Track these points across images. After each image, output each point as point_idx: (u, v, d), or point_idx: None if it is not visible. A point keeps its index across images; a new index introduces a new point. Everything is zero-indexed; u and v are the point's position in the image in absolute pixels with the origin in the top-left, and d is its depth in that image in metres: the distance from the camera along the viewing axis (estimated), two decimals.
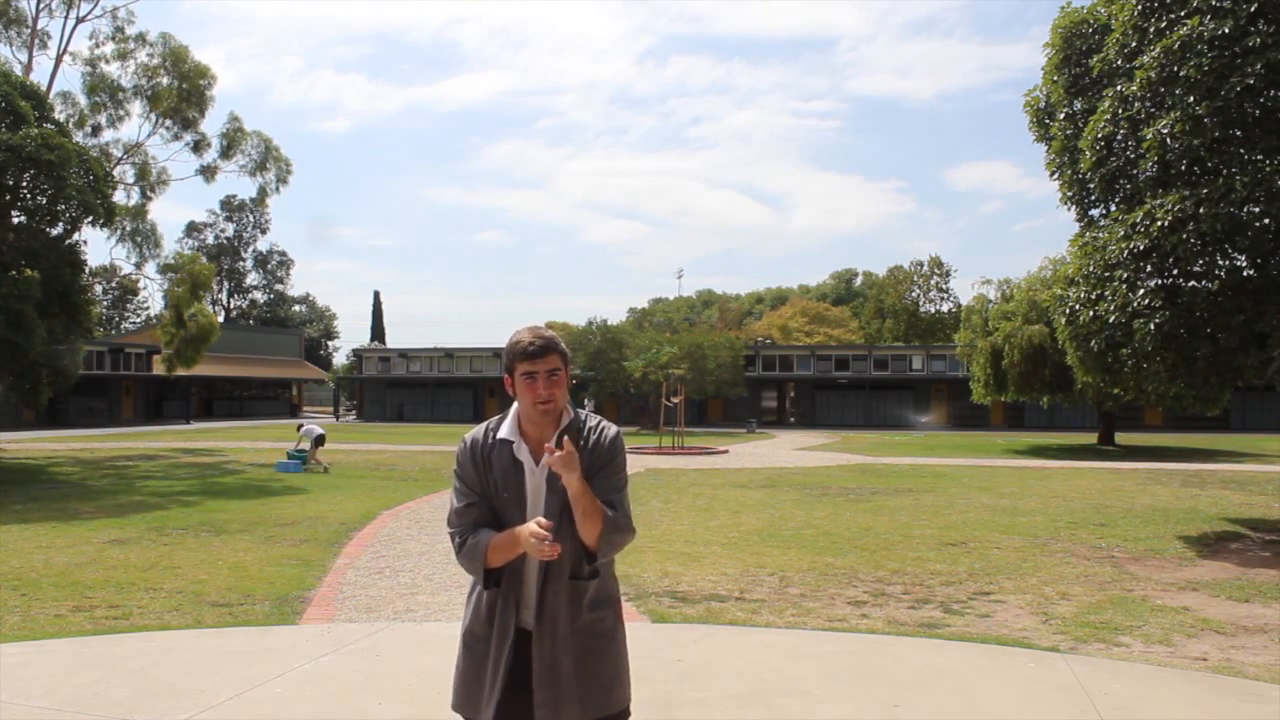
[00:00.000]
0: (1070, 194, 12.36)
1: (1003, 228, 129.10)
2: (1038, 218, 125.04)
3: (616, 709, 2.62)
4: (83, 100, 29.17)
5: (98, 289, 59.77)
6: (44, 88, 25.21)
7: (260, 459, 21.94)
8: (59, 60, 28.84)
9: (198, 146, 30.79)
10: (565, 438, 2.44)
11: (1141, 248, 10.06)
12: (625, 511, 2.60)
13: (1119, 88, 10.66)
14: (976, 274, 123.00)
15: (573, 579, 2.58)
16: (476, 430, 2.69)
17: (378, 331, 77.37)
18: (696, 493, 15.06)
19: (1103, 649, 5.89)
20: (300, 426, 20.60)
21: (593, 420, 2.67)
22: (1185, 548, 9.86)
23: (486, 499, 2.61)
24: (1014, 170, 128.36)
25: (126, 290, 67.75)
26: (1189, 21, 9.68)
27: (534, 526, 2.41)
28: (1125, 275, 10.28)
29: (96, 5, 28.97)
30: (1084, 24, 12.26)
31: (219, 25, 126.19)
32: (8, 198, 19.61)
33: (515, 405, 2.65)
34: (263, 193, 33.52)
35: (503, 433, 2.63)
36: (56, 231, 21.63)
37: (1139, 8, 10.51)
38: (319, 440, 19.83)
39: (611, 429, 2.67)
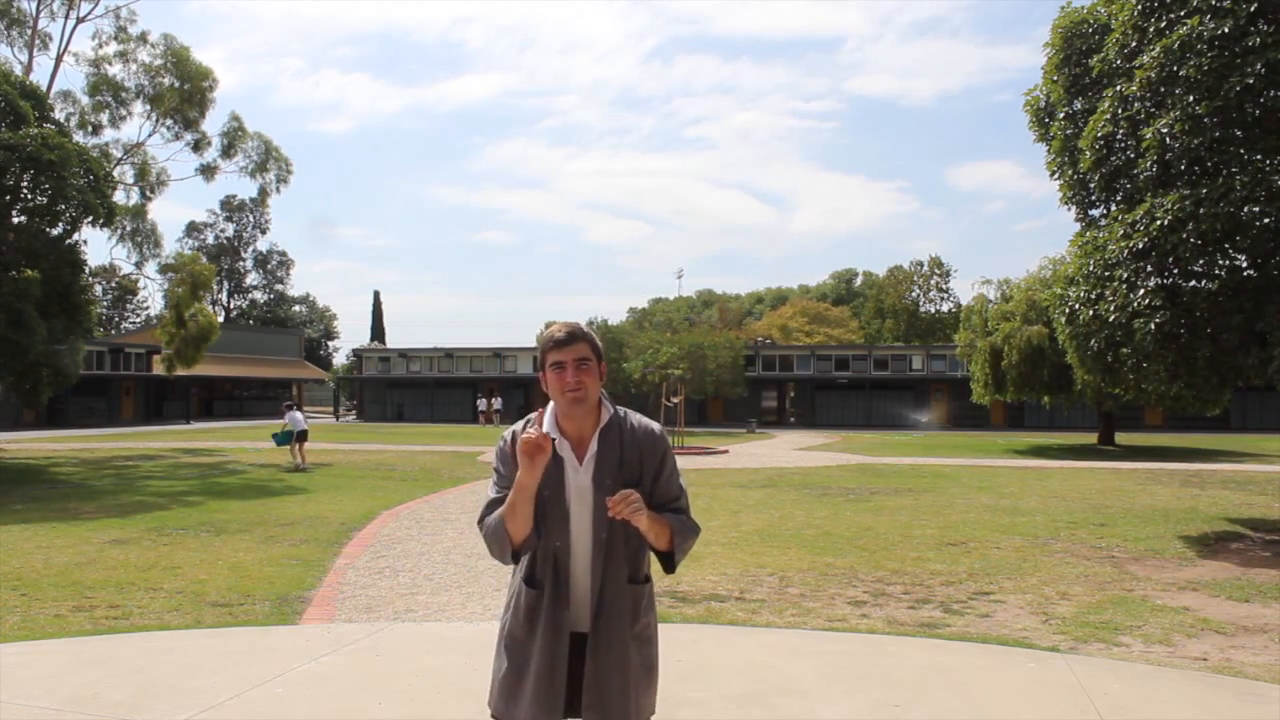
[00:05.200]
0: (1070, 194, 12.36)
1: (1004, 228, 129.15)
2: (1040, 217, 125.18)
3: (649, 714, 2.63)
4: (84, 100, 29.27)
5: (98, 289, 59.84)
6: (44, 88, 25.23)
7: (260, 459, 21.94)
8: (59, 60, 28.92)
9: (198, 146, 30.88)
10: (621, 493, 2.40)
11: (1141, 247, 10.06)
12: (688, 510, 2.63)
13: (1119, 87, 10.66)
14: (978, 274, 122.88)
15: (630, 583, 2.57)
16: (517, 425, 2.68)
17: (378, 331, 77.35)
18: (696, 493, 15.06)
19: (1103, 649, 5.89)
20: (290, 407, 20.74)
21: (633, 418, 2.63)
22: (1185, 548, 9.86)
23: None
24: (1017, 170, 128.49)
25: (126, 290, 67.82)
26: (1189, 21, 9.69)
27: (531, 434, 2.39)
28: (1125, 275, 10.28)
29: (98, 4, 29.07)
30: (1084, 24, 12.27)
31: (223, 25, 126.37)
32: (8, 198, 19.61)
33: (551, 404, 2.62)
34: (263, 193, 33.69)
35: (544, 429, 2.58)
36: (56, 231, 21.65)
37: (1139, 8, 10.52)
38: (301, 435, 19.92)
39: (655, 426, 2.63)
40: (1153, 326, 9.93)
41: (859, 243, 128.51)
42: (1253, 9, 9.32)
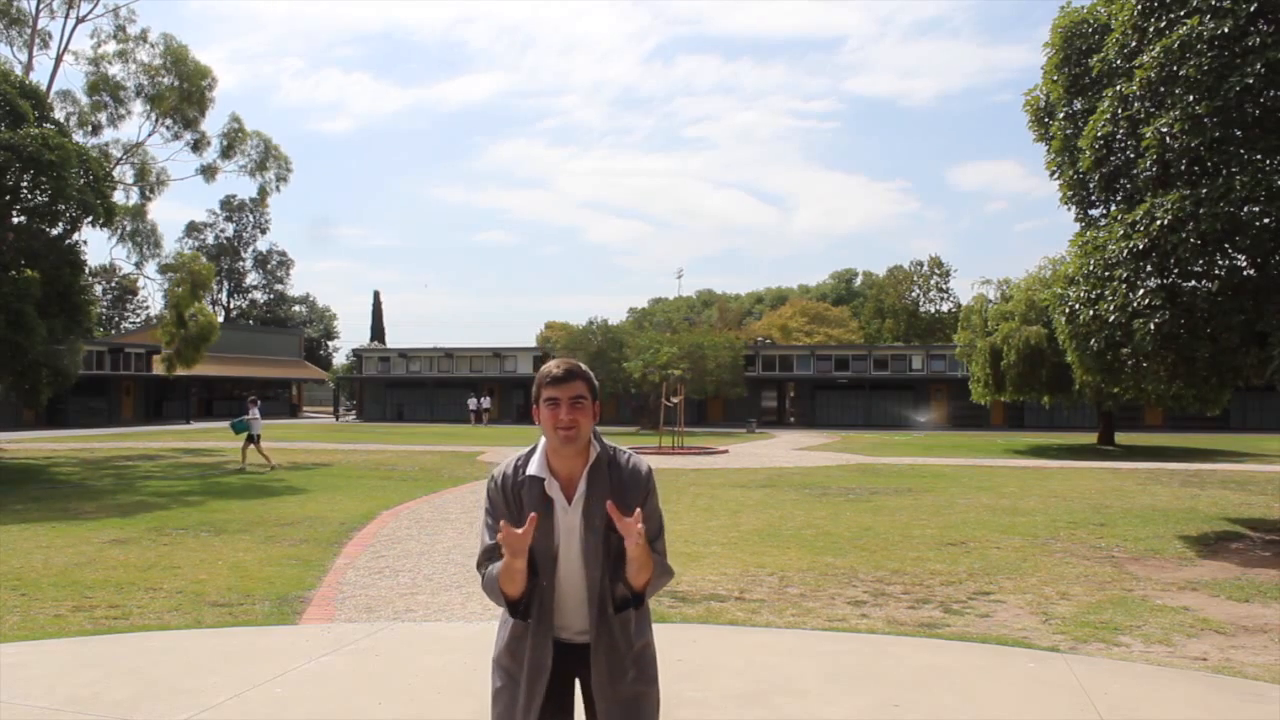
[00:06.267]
0: (1070, 194, 12.36)
1: (1005, 228, 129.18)
2: (1041, 217, 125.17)
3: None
4: (84, 99, 29.21)
5: (98, 289, 59.83)
6: (44, 87, 25.22)
7: (260, 458, 21.92)
8: (59, 60, 28.88)
9: (197, 146, 30.82)
10: (632, 512, 2.44)
11: (1141, 247, 10.05)
12: (664, 553, 2.64)
13: (1119, 87, 10.66)
14: (978, 274, 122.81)
15: (619, 611, 2.59)
16: (505, 466, 2.65)
17: (378, 331, 77.37)
18: (696, 493, 15.05)
19: (1103, 649, 5.89)
20: (256, 403, 20.89)
21: (622, 456, 2.63)
22: (1185, 548, 9.86)
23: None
24: (1019, 169, 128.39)
25: (126, 290, 67.84)
26: (1189, 21, 9.68)
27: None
28: (1125, 275, 10.28)
29: (97, 4, 29.01)
30: (1084, 24, 12.26)
31: (223, 25, 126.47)
32: (8, 198, 19.61)
33: (542, 440, 2.62)
34: (263, 192, 33.57)
35: (531, 469, 2.58)
36: (56, 231, 21.65)
37: (1139, 7, 10.51)
38: (254, 437, 19.93)
39: (644, 464, 2.64)
40: (1153, 326, 9.93)
41: (859, 243, 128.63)
42: (1253, 9, 9.31)
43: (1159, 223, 9.81)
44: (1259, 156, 9.59)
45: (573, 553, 2.55)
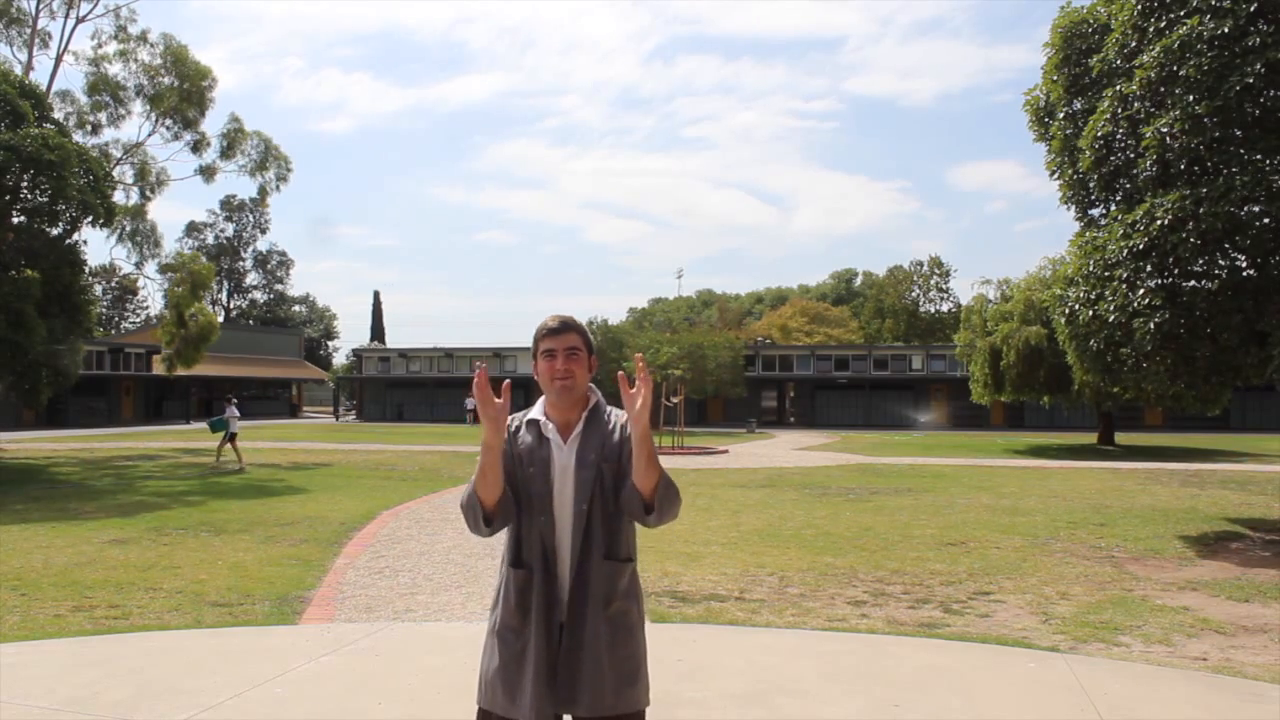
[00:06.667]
0: (1070, 194, 12.35)
1: (1004, 228, 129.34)
2: (1041, 217, 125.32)
3: (634, 708, 2.55)
4: (83, 99, 29.19)
5: (98, 289, 59.81)
6: (44, 87, 25.21)
7: (259, 459, 21.94)
8: (59, 60, 28.86)
9: (197, 146, 30.78)
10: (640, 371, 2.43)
11: (1141, 247, 10.05)
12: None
13: (1119, 87, 10.66)
14: (978, 274, 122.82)
15: (608, 559, 2.55)
16: (514, 415, 2.74)
17: (378, 331, 77.35)
18: (696, 493, 15.05)
19: (1103, 649, 5.89)
20: (232, 401, 21.00)
21: (619, 412, 2.69)
22: (1185, 548, 9.86)
23: (510, 476, 2.58)
24: (1017, 170, 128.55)
25: (126, 290, 67.84)
26: (1189, 21, 9.68)
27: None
28: (1125, 275, 10.28)
29: (97, 4, 29.00)
30: (1084, 24, 12.25)
31: (223, 25, 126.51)
32: (8, 198, 19.60)
33: (542, 397, 2.70)
34: (263, 192, 33.48)
35: (531, 414, 2.69)
36: (56, 231, 21.66)
37: (1139, 7, 10.51)
38: (231, 435, 19.91)
39: None
40: (1153, 326, 9.93)
41: (859, 243, 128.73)
42: (1253, 9, 9.32)
43: (1159, 223, 9.81)
44: (1259, 156, 9.59)
45: (567, 492, 2.56)
